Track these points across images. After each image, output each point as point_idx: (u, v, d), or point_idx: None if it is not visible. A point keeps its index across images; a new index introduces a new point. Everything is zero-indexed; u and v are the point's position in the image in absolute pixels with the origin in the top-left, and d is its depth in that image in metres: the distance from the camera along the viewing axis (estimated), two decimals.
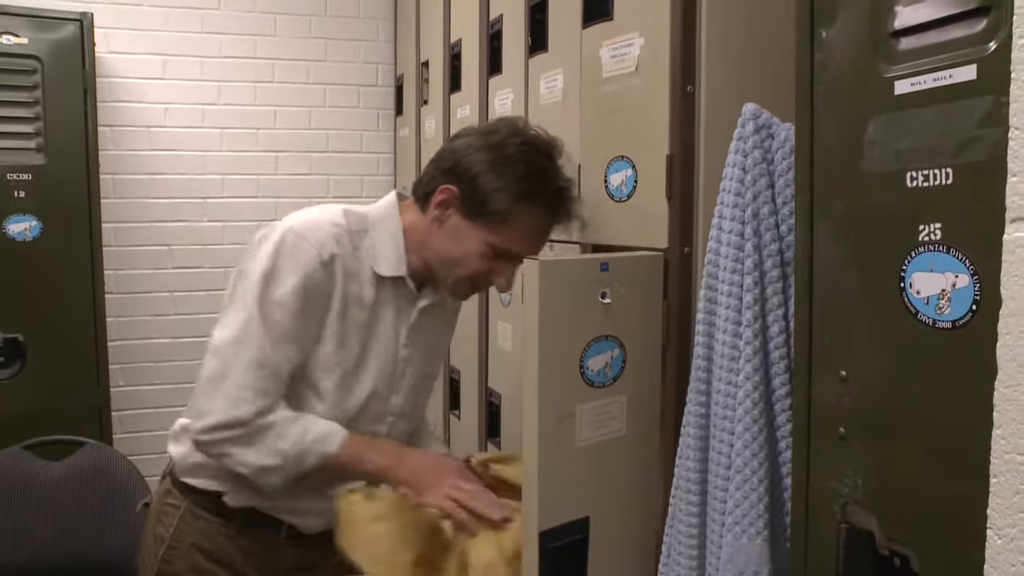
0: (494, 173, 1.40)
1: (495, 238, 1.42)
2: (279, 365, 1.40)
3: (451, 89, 2.81)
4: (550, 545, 1.40)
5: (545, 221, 1.45)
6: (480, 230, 1.42)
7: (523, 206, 1.41)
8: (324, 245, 1.41)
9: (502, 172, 1.40)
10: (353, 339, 1.46)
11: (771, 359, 1.28)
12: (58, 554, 2.38)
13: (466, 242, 1.43)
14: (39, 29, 2.85)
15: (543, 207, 1.44)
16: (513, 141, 1.44)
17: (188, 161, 3.43)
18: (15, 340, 2.86)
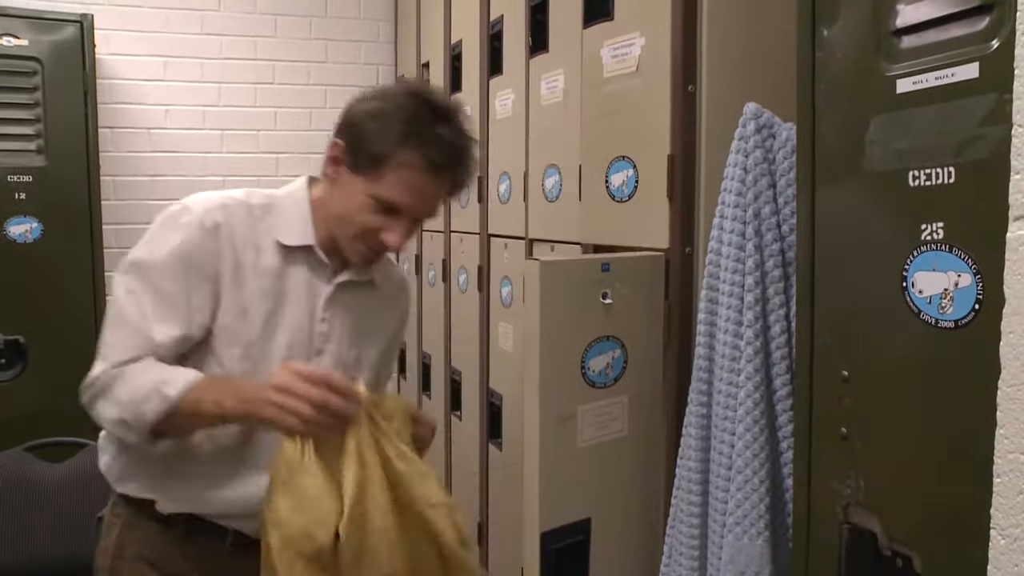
0: (374, 119, 1.34)
1: (376, 187, 1.33)
2: (149, 327, 1.33)
3: (452, 90, 2.80)
4: (552, 547, 1.40)
5: (427, 173, 1.33)
6: (363, 181, 1.34)
7: (401, 151, 1.31)
8: (208, 212, 1.37)
9: (382, 117, 1.34)
10: (255, 311, 1.38)
11: (772, 359, 1.28)
12: (59, 556, 2.37)
13: (352, 195, 1.36)
14: (39, 31, 2.84)
15: (422, 155, 1.32)
16: (400, 90, 1.39)
17: (189, 163, 3.42)
18: (16, 342, 2.86)
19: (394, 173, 1.31)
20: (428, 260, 3.10)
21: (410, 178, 1.31)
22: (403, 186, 1.31)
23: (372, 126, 1.33)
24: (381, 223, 1.33)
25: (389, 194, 1.32)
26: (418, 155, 1.31)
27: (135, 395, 1.29)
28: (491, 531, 2.50)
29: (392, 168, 1.31)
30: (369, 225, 1.34)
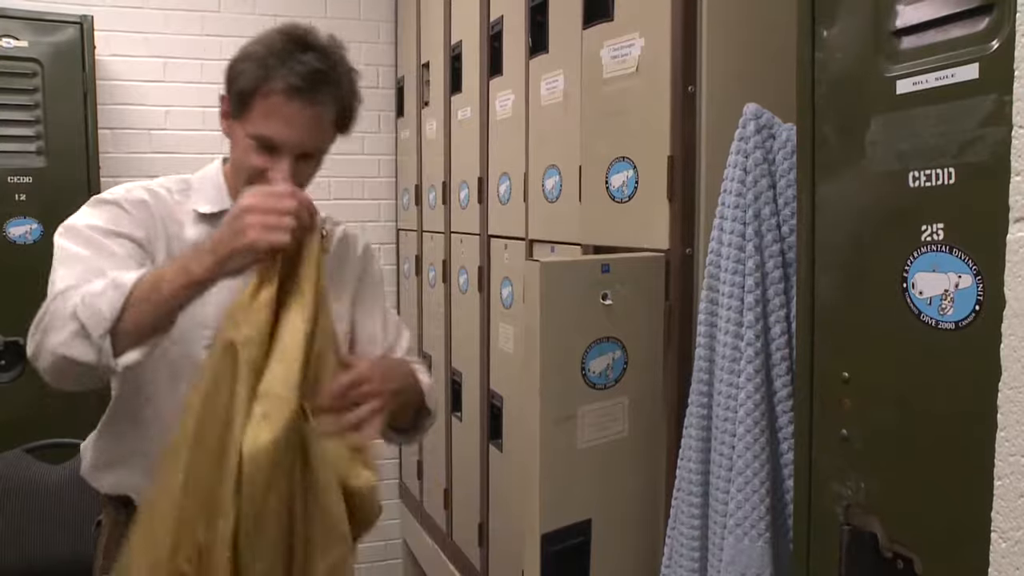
0: (243, 61, 1.36)
1: (250, 125, 1.33)
2: (94, 262, 1.32)
3: (452, 90, 2.80)
4: (552, 548, 1.39)
5: (289, 99, 1.31)
6: (241, 124, 1.35)
7: (263, 83, 1.32)
8: (131, 191, 1.43)
9: (249, 57, 1.35)
10: None
11: (773, 360, 1.28)
12: (58, 557, 2.38)
13: (237, 142, 1.37)
14: (39, 32, 2.84)
15: (281, 80, 1.31)
16: (272, 31, 1.40)
17: (189, 164, 3.39)
18: (15, 343, 2.86)
19: (261, 106, 1.31)
20: (428, 261, 3.10)
21: (274, 107, 1.30)
22: (270, 117, 1.31)
23: (241, 67, 1.35)
24: (264, 162, 1.32)
25: (261, 128, 1.32)
26: (278, 83, 1.30)
27: (87, 296, 1.23)
28: (491, 532, 2.50)
29: (259, 102, 1.31)
30: (256, 166, 1.33)
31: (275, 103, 1.31)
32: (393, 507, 3.63)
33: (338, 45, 1.40)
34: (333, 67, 1.35)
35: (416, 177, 3.28)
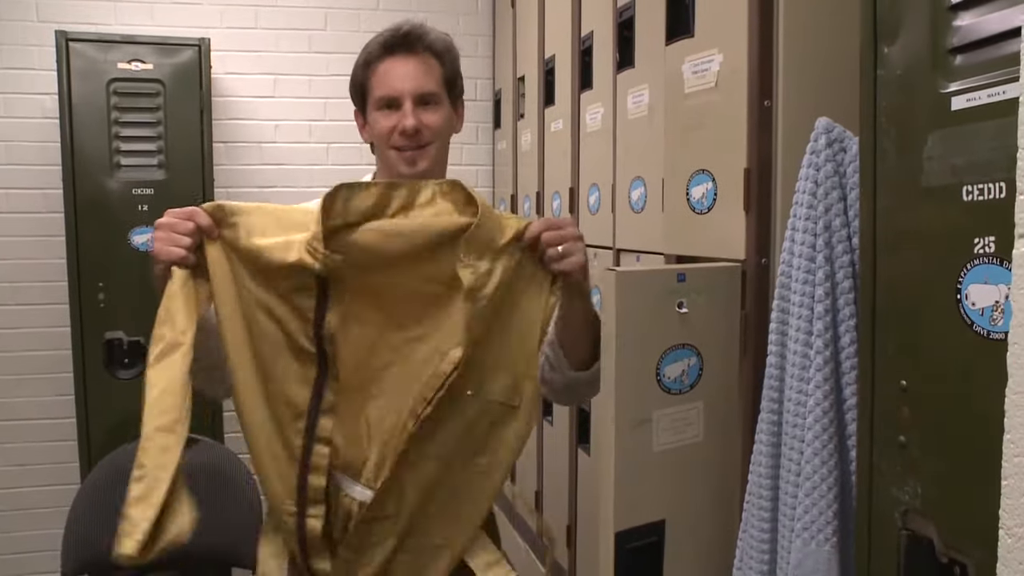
0: (353, 73, 1.61)
1: (371, 99, 1.56)
2: None
3: (545, 103, 2.88)
4: (626, 546, 1.44)
5: (389, 56, 1.55)
6: (369, 108, 1.58)
7: (368, 61, 1.56)
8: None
9: (355, 66, 1.61)
10: None
11: (842, 369, 1.30)
12: None
13: (373, 123, 1.58)
14: (163, 55, 3.06)
15: (378, 46, 1.56)
16: None
17: (296, 175, 3.60)
18: (137, 343, 3.07)
19: (372, 81, 1.56)
20: None
21: (381, 70, 1.55)
22: (381, 79, 1.55)
23: (353, 73, 1.61)
24: (393, 119, 1.54)
25: (379, 92, 1.55)
26: (376, 50, 1.56)
27: None
28: (579, 534, 2.55)
29: (370, 79, 1.56)
30: (387, 126, 1.55)
31: (378, 68, 1.55)
32: None
33: (431, 26, 1.63)
34: (422, 30, 1.58)
35: (512, 187, 3.37)
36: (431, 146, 1.56)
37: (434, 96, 1.56)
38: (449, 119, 1.61)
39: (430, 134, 1.55)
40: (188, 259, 1.34)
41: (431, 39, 1.58)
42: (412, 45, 1.56)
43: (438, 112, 1.57)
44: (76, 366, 3.04)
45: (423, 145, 1.55)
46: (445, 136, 1.61)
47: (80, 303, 3.02)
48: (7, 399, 3.42)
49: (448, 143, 1.64)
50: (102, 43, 3.05)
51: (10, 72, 3.34)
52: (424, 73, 1.56)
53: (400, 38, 1.55)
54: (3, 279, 3.39)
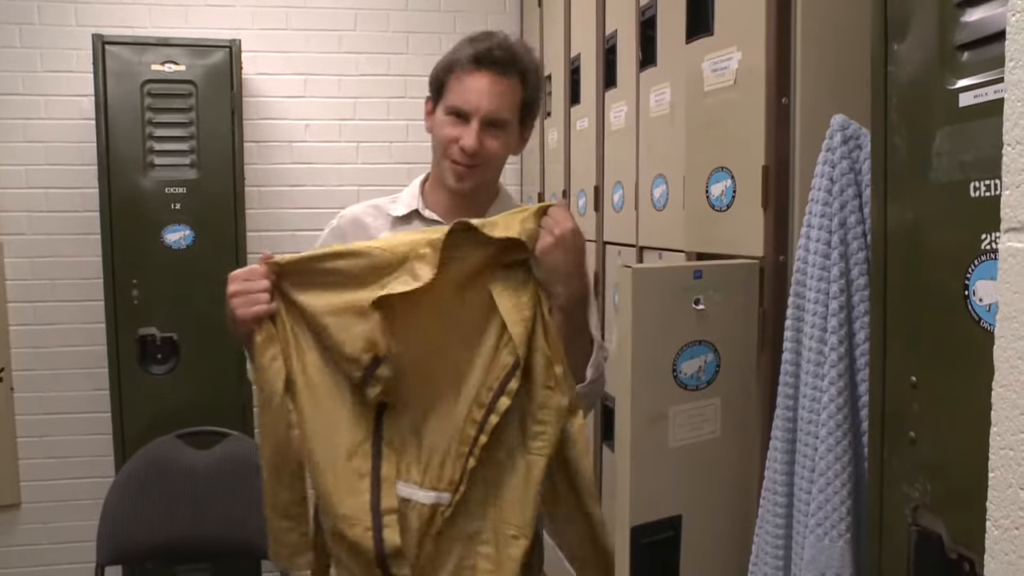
0: (440, 61, 1.65)
1: (445, 101, 1.61)
2: None
3: (571, 102, 2.90)
4: (642, 540, 1.46)
5: (475, 69, 1.58)
6: (439, 107, 1.63)
7: (455, 64, 1.60)
8: (341, 216, 1.77)
9: (445, 57, 1.64)
10: None
11: (857, 365, 1.30)
12: (206, 535, 2.59)
13: (438, 123, 1.63)
14: (195, 56, 3.12)
15: (468, 56, 1.58)
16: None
17: (326, 174, 3.64)
18: (171, 339, 3.13)
19: (452, 83, 1.60)
20: None
21: (464, 79, 1.58)
22: (461, 87, 1.59)
23: (439, 65, 1.64)
24: (457, 131, 1.59)
25: (453, 99, 1.59)
26: (465, 58, 1.58)
27: None
28: None
29: (452, 78, 1.60)
30: (449, 135, 1.60)
31: (462, 76, 1.58)
32: None
33: (524, 45, 1.67)
34: (514, 51, 1.61)
35: (540, 185, 3.39)
36: (483, 168, 1.63)
37: (503, 122, 1.61)
38: (510, 144, 1.66)
39: (486, 158, 1.61)
40: (271, 309, 1.47)
41: (525, 64, 1.62)
42: (504, 68, 1.59)
43: (500, 138, 1.61)
44: (111, 362, 3.11)
45: (476, 165, 1.61)
46: (500, 160, 1.67)
47: (115, 300, 3.09)
48: (45, 393, 3.50)
49: (502, 165, 1.70)
50: (137, 45, 3.11)
51: (49, 75, 3.41)
52: (502, 97, 1.60)
53: (494, 56, 1.58)
54: (42, 276, 3.47)
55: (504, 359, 1.46)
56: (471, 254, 1.46)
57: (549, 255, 1.46)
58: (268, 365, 1.46)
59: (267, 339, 1.47)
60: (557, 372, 1.46)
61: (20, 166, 3.43)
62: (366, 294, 1.43)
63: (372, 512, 1.46)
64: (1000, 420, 0.64)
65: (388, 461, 1.48)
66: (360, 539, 1.45)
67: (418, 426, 1.50)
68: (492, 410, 1.45)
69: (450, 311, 1.48)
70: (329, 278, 1.46)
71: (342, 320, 1.45)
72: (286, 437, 1.47)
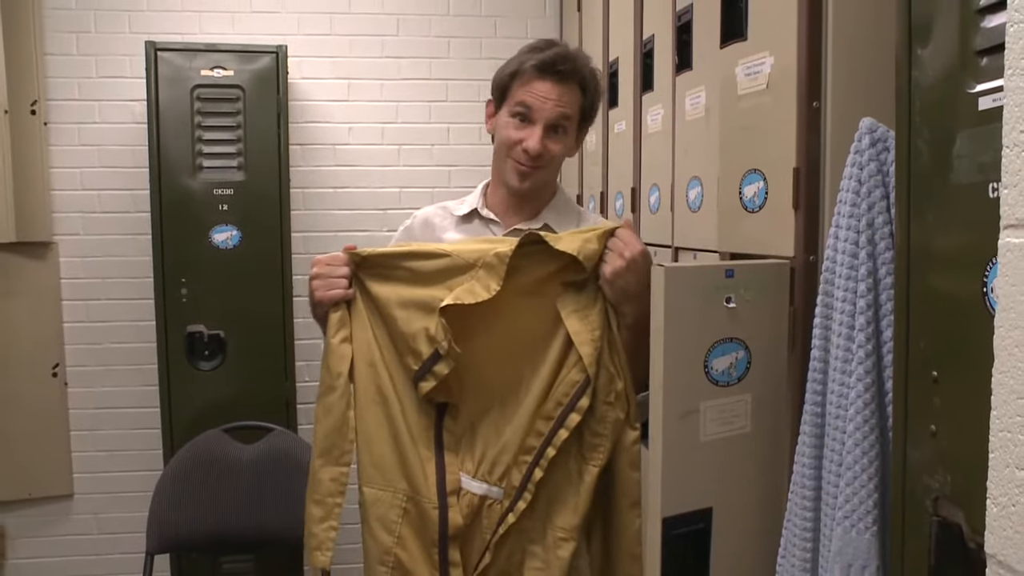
0: (504, 66, 1.74)
1: (509, 104, 1.70)
2: None
3: (610, 104, 2.93)
4: (673, 532, 1.50)
5: (541, 73, 1.66)
6: (503, 110, 1.72)
7: (520, 68, 1.68)
8: (414, 217, 1.90)
9: (510, 61, 1.73)
10: None
11: (884, 363, 1.33)
12: (248, 526, 2.67)
13: (501, 125, 1.73)
14: (242, 62, 3.21)
15: (534, 61, 1.66)
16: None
17: (369, 176, 3.72)
18: (218, 336, 3.23)
19: (519, 86, 1.68)
20: None
21: (529, 82, 1.67)
22: (526, 90, 1.67)
23: (503, 70, 1.73)
24: (522, 134, 1.68)
25: (518, 103, 1.67)
26: (531, 63, 1.66)
27: None
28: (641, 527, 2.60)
29: (517, 84, 1.68)
30: (513, 137, 1.69)
31: (529, 79, 1.67)
32: None
33: (584, 55, 1.74)
34: (576, 58, 1.70)
35: (578, 187, 3.43)
36: (544, 169, 1.72)
37: (565, 127, 1.70)
38: (569, 147, 1.74)
39: (548, 159, 1.70)
40: (347, 295, 1.60)
41: (584, 73, 1.70)
42: (566, 76, 1.67)
43: (562, 142, 1.71)
44: (160, 358, 3.21)
45: (538, 167, 1.71)
46: (558, 162, 1.76)
47: (164, 298, 3.19)
48: (97, 388, 3.62)
49: (559, 166, 1.79)
50: (187, 52, 3.21)
51: (104, 80, 3.53)
52: (567, 103, 1.68)
53: (557, 66, 1.66)
54: (94, 275, 3.58)
55: (574, 376, 1.55)
56: (536, 267, 1.56)
57: (620, 277, 1.53)
58: (337, 346, 1.58)
59: (340, 321, 1.59)
60: (618, 388, 1.56)
61: (75, 168, 3.55)
62: (433, 292, 1.54)
63: (439, 492, 1.56)
64: (999, 404, 0.68)
65: (450, 450, 1.59)
66: (428, 514, 1.56)
67: (476, 424, 1.60)
68: (562, 424, 1.54)
69: (513, 320, 1.57)
70: (402, 273, 1.58)
71: (408, 313, 1.55)
72: (343, 418, 1.58)
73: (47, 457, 3.55)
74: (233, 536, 2.67)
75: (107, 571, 3.63)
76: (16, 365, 3.43)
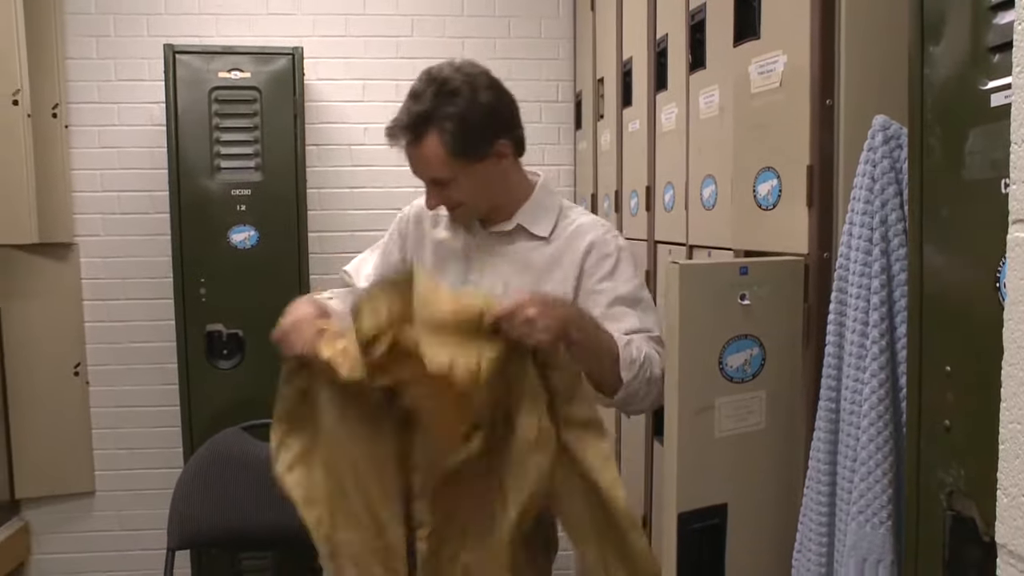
0: None
1: None
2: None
3: (624, 104, 2.95)
4: (688, 527, 1.51)
5: (396, 145, 1.69)
6: None
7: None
8: (406, 213, 1.95)
9: None
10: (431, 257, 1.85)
11: (898, 359, 1.34)
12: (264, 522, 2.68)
13: None
14: (259, 63, 3.24)
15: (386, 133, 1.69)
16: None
17: (384, 176, 3.74)
18: (236, 335, 3.26)
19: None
20: None
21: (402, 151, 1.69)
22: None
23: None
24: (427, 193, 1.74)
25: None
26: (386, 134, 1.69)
27: None
28: (654, 524, 2.61)
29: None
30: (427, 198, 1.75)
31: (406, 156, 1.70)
32: None
33: (439, 78, 1.68)
34: (418, 109, 1.64)
35: (592, 186, 3.44)
36: (467, 206, 1.74)
37: (443, 179, 1.68)
38: (476, 178, 1.69)
39: (456, 204, 1.72)
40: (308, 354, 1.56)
41: (433, 113, 1.63)
42: (412, 131, 1.65)
43: (455, 186, 1.69)
44: (180, 357, 3.25)
45: (457, 209, 1.74)
46: (479, 188, 1.72)
47: (183, 298, 3.22)
48: (118, 387, 3.66)
49: (495, 180, 1.74)
50: (205, 54, 3.25)
51: (123, 83, 3.57)
52: (426, 163, 1.67)
53: (398, 136, 1.66)
54: (115, 275, 3.62)
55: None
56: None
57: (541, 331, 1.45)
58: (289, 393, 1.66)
59: (293, 370, 1.64)
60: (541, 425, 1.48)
61: (95, 170, 3.59)
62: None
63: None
64: (1008, 396, 0.69)
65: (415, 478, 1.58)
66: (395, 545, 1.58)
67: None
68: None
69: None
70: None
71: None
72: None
73: (70, 455, 3.59)
74: (252, 533, 2.69)
75: (129, 567, 3.68)
76: (39, 364, 3.47)
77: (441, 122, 1.62)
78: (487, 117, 1.67)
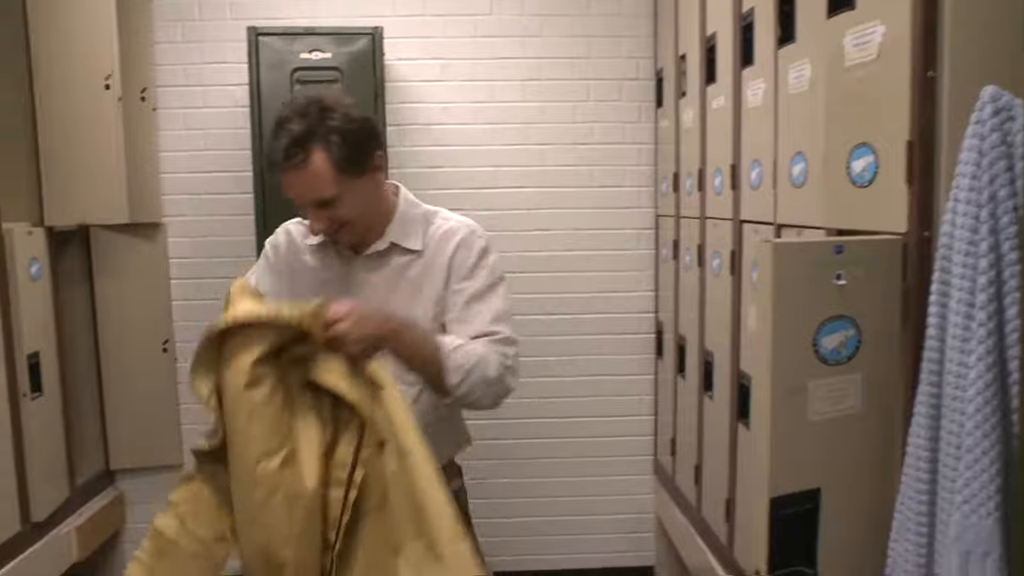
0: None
1: None
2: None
3: (707, 81, 2.89)
4: (780, 512, 1.48)
5: (278, 172, 1.66)
6: None
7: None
8: (279, 235, 1.95)
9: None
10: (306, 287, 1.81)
11: (1007, 342, 1.29)
12: None
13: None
14: (340, 44, 3.26)
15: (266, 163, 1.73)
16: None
17: (463, 155, 3.74)
18: None
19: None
20: (685, 245, 3.20)
21: (282, 180, 1.67)
22: (284, 186, 1.68)
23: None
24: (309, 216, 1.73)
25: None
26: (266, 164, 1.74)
27: None
28: (738, 508, 2.58)
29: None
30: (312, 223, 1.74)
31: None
32: (647, 482, 3.78)
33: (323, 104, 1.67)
34: (307, 131, 1.63)
35: (674, 165, 3.39)
36: (350, 226, 1.74)
37: (329, 198, 1.67)
38: (358, 195, 1.70)
39: (340, 224, 1.71)
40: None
41: (315, 130, 1.63)
42: (294, 155, 1.63)
43: (339, 205, 1.68)
44: None
45: (341, 230, 1.74)
46: (363, 205, 1.73)
47: None
48: None
49: (373, 195, 1.77)
50: (287, 36, 3.28)
51: (207, 66, 3.63)
52: (312, 183, 1.65)
53: (283, 154, 1.63)
54: (201, 254, 3.70)
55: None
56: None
57: (359, 343, 1.49)
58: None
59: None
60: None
61: (181, 152, 3.66)
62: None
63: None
64: None
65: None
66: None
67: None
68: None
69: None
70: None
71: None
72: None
73: (159, 429, 3.69)
74: None
75: None
76: (130, 341, 3.57)
77: (326, 136, 1.64)
78: (364, 130, 1.71)
